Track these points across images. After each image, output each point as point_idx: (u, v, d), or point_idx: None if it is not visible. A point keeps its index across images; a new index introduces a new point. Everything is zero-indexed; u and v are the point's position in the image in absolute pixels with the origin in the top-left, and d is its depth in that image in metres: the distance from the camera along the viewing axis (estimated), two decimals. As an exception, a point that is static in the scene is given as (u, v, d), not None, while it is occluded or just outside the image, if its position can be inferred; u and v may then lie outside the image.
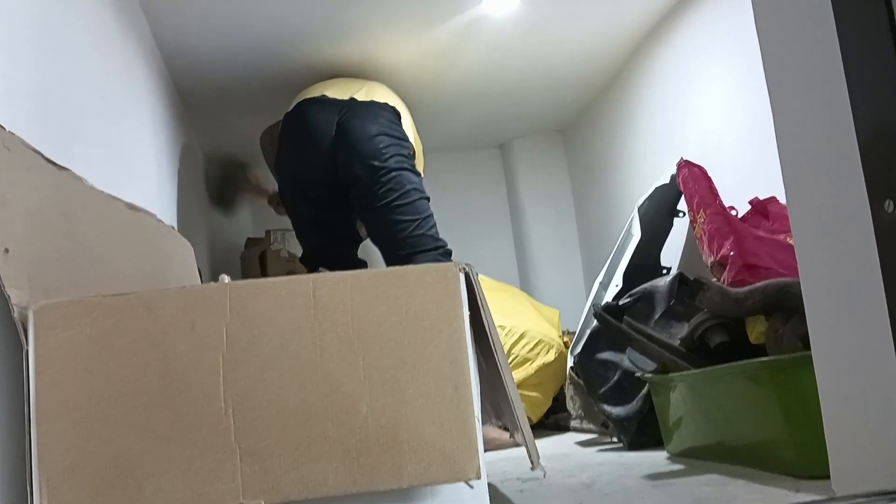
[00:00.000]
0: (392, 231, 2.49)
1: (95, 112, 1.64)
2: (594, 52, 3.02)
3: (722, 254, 1.74)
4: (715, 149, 2.49)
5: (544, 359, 2.72)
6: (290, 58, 2.74)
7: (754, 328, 1.57)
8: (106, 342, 0.91)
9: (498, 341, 1.04)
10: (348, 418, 0.88)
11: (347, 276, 0.94)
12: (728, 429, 1.56)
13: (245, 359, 0.90)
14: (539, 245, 3.91)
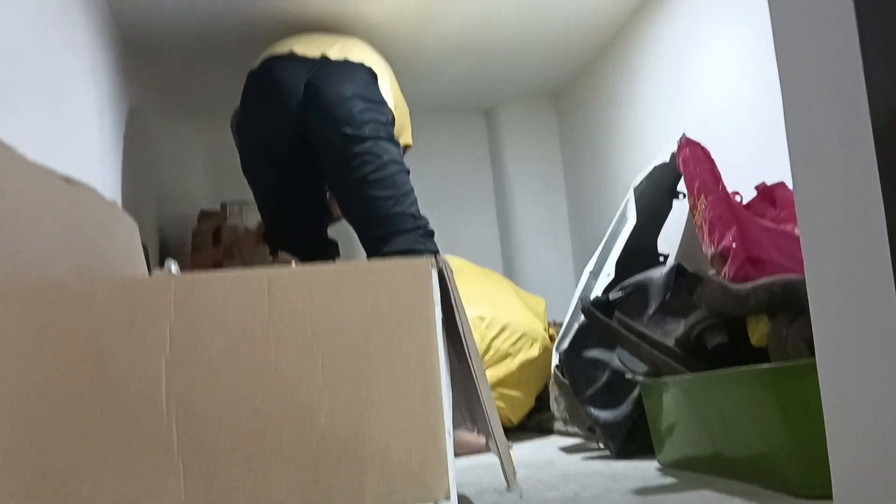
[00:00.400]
0: (367, 208, 2.46)
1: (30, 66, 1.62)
2: (592, 8, 3.01)
3: (723, 245, 1.75)
4: (720, 122, 2.50)
5: (527, 354, 2.73)
6: (253, 6, 2.71)
7: (756, 329, 1.58)
8: (36, 338, 0.90)
9: (473, 345, 1.04)
10: (305, 430, 0.89)
11: (306, 271, 0.95)
12: (725, 439, 1.58)
13: (190, 361, 0.90)
14: (525, 225, 3.90)
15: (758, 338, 1.58)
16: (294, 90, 2.51)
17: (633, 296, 2.03)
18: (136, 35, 2.83)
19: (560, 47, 3.34)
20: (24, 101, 1.59)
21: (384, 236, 2.42)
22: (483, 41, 3.17)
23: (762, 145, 2.23)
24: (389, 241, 2.41)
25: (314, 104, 2.48)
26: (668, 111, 2.91)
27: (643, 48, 3.07)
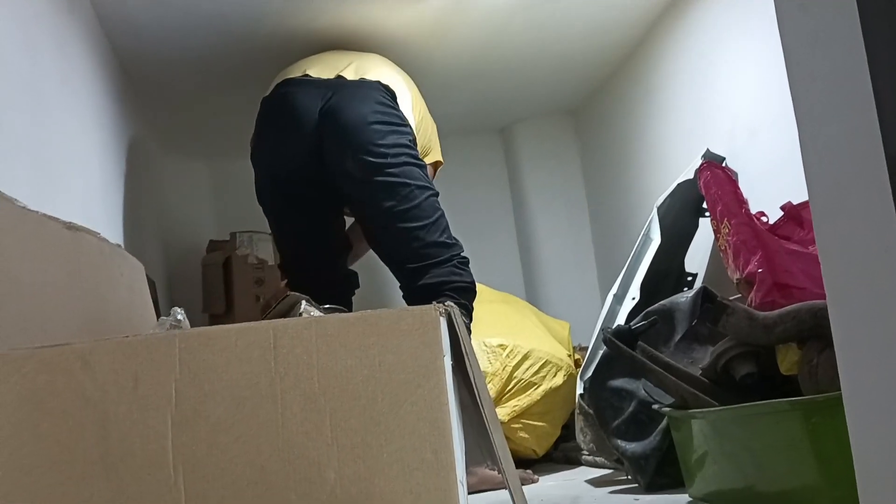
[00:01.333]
0: (397, 240, 2.41)
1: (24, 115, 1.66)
2: (608, 23, 3.03)
3: (749, 270, 1.76)
4: (746, 138, 2.50)
5: (551, 383, 2.73)
6: (259, 29, 2.73)
7: (786, 357, 1.59)
8: (38, 402, 0.93)
9: (484, 390, 1.06)
10: (314, 488, 0.91)
11: (311, 323, 0.96)
12: (756, 473, 1.58)
13: (196, 420, 0.93)
14: (547, 246, 3.91)
15: (787, 367, 1.59)
16: (309, 116, 2.46)
17: (657, 323, 2.04)
18: (137, 69, 2.88)
19: (577, 63, 3.35)
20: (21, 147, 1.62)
21: (418, 269, 2.36)
22: (497, 58, 3.19)
23: (788, 163, 2.22)
24: (424, 274, 2.34)
25: (331, 130, 2.43)
26: (690, 127, 2.92)
27: (663, 63, 3.08)
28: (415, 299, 2.36)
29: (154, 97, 3.13)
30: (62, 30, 2.06)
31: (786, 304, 1.62)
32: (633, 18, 2.99)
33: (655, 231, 2.52)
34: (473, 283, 2.43)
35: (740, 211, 1.87)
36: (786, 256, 1.74)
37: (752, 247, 1.77)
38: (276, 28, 2.71)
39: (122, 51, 2.73)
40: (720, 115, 2.71)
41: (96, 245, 1.58)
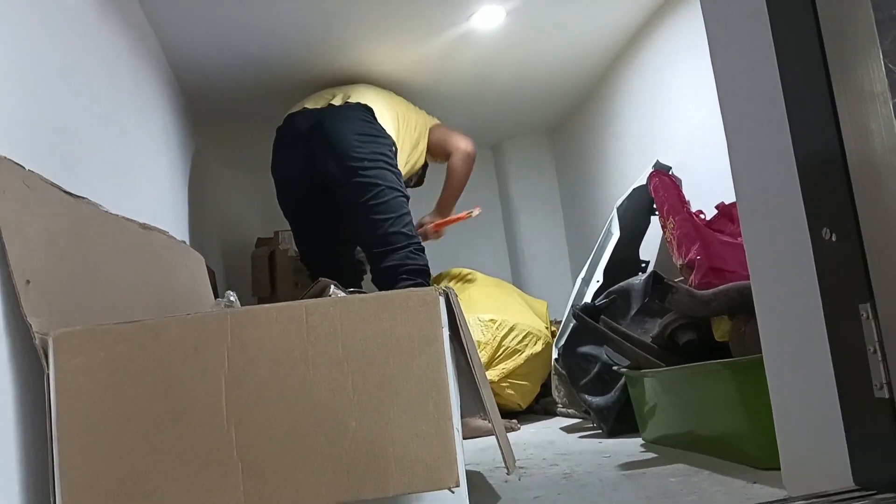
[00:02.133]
0: (368, 228, 2.48)
1: (108, 137, 1.66)
2: (578, 59, 3.03)
3: (689, 257, 1.77)
4: (688, 151, 2.51)
5: (532, 349, 2.74)
6: (292, 70, 2.76)
7: (719, 327, 1.59)
8: (117, 367, 0.94)
9: (476, 357, 1.06)
10: (339, 434, 0.91)
11: (337, 302, 0.97)
12: (696, 421, 1.59)
13: (244, 380, 0.93)
14: (528, 239, 3.91)
15: (720, 335, 1.59)
16: (304, 138, 2.55)
17: (617, 300, 2.04)
18: (197, 98, 2.89)
19: (553, 91, 3.36)
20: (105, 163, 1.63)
21: (381, 253, 2.45)
22: (487, 90, 3.20)
23: (722, 170, 2.23)
24: (386, 257, 2.43)
25: (319, 145, 2.51)
26: (644, 142, 2.92)
27: (622, 90, 3.08)
28: (380, 280, 2.47)
29: (211, 121, 3.14)
30: (138, 68, 2.07)
31: (719, 284, 1.62)
32: (599, 53, 2.99)
33: (615, 227, 2.52)
34: (427, 266, 2.50)
35: (682, 210, 1.87)
36: (719, 246, 1.74)
37: (692, 238, 1.77)
38: (308, 65, 2.74)
39: (186, 83, 2.74)
40: (668, 131, 2.71)
41: (165, 241, 1.58)
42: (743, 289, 1.53)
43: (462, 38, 2.68)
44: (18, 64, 1.17)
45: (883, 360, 0.81)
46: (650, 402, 1.79)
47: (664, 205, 1.95)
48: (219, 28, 2.40)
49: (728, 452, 1.46)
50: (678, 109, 2.62)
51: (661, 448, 1.72)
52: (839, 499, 0.83)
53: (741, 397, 1.40)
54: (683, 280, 1.82)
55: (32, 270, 1.01)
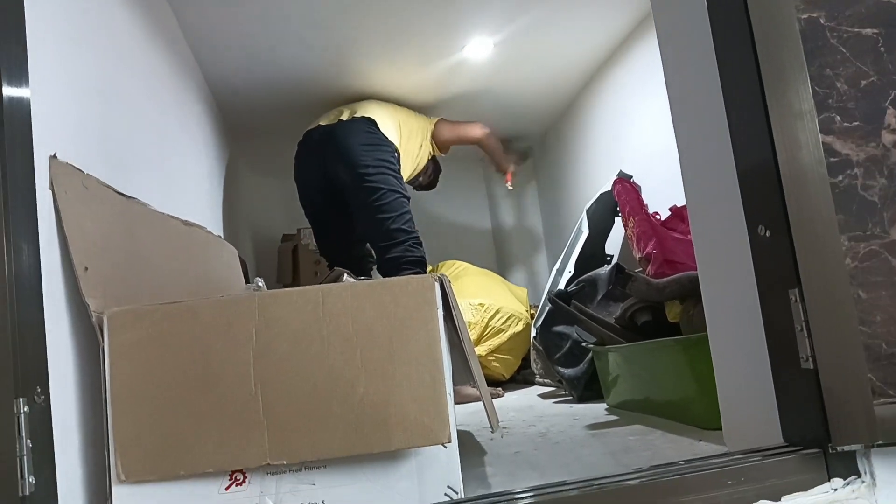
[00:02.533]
0: (373, 227, 2.47)
1: (154, 147, 1.66)
2: (554, 84, 3.03)
3: (647, 251, 1.77)
4: (647, 163, 2.51)
5: (515, 329, 2.74)
6: (312, 89, 2.76)
7: (672, 310, 1.60)
8: (162, 340, 0.93)
9: (466, 334, 1.06)
10: (348, 398, 0.91)
11: (348, 287, 0.97)
12: (652, 389, 1.59)
13: (269, 352, 0.93)
14: (512, 236, 3.91)
15: (672, 316, 1.60)
16: (318, 150, 2.55)
17: (585, 287, 2.04)
18: (232, 114, 2.88)
19: (533, 111, 3.36)
20: (152, 170, 1.63)
21: (385, 246, 2.45)
22: (479, 107, 3.18)
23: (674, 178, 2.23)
24: (390, 250, 2.43)
25: (331, 156, 2.51)
26: (609, 154, 2.92)
27: (593, 109, 3.08)
28: (384, 269, 2.47)
29: (242, 133, 3.14)
30: (179, 86, 2.06)
31: (672, 274, 1.62)
32: (572, 78, 2.99)
33: (585, 226, 2.52)
34: (424, 257, 2.50)
35: (641, 211, 1.87)
36: (672, 242, 1.74)
37: (650, 235, 1.77)
38: (326, 86, 2.74)
39: (221, 99, 2.74)
40: (630, 145, 2.71)
41: (204, 236, 1.58)
42: (692, 277, 1.53)
43: (456, 66, 2.67)
44: (74, 83, 1.16)
45: (808, 337, 0.81)
46: (613, 373, 1.80)
47: (626, 207, 1.95)
48: (250, 51, 2.39)
49: (678, 415, 1.46)
50: (639, 126, 2.62)
51: (622, 412, 1.73)
52: (771, 453, 0.84)
53: (690, 368, 1.40)
54: (642, 270, 1.82)
55: (90, 259, 1.01)
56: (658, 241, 1.73)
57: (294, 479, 0.94)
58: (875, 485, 0.80)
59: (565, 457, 1.25)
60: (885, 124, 0.80)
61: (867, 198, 0.80)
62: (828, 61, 0.81)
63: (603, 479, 0.82)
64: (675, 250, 1.71)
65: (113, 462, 0.91)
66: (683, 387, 1.43)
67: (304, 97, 2.80)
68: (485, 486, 1.08)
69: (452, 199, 3.84)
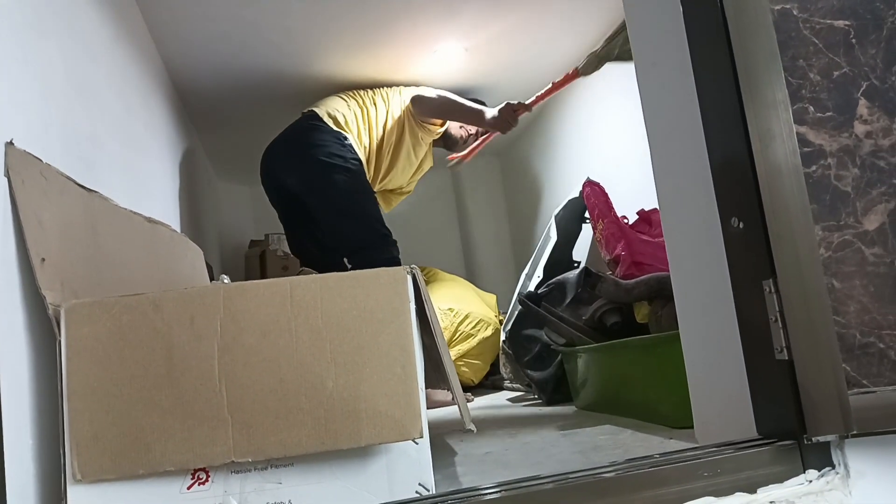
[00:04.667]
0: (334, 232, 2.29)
1: (118, 143, 1.60)
2: (524, 91, 2.99)
3: (616, 253, 1.76)
4: (614, 170, 2.51)
5: (484, 334, 2.72)
6: (280, 96, 2.70)
7: (640, 311, 1.58)
8: (122, 334, 0.88)
9: (439, 328, 1.03)
10: (317, 393, 0.87)
11: (317, 279, 0.93)
12: (621, 389, 1.57)
13: (235, 346, 0.88)
14: (480, 244, 3.90)
15: (641, 317, 1.58)
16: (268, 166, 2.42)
17: (555, 291, 2.03)
18: (201, 118, 2.81)
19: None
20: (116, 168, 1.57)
21: (352, 251, 2.26)
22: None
23: (642, 184, 2.23)
24: (354, 257, 2.24)
25: (280, 168, 2.36)
26: (577, 162, 2.93)
27: (561, 119, 3.09)
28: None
29: (212, 139, 3.06)
30: (147, 87, 2.00)
31: (640, 275, 1.61)
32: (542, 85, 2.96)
33: (554, 232, 2.51)
34: (397, 258, 2.33)
35: (610, 214, 1.86)
36: (640, 244, 1.74)
37: (618, 238, 1.76)
38: (296, 89, 2.66)
39: (189, 103, 2.68)
40: (598, 153, 2.72)
41: (168, 234, 1.52)
42: (660, 278, 1.52)
43: (427, 71, 2.64)
44: (35, 72, 1.11)
45: (783, 328, 0.79)
46: (582, 374, 1.78)
47: (595, 209, 1.94)
48: (218, 52, 2.33)
49: (647, 415, 1.45)
50: (606, 134, 2.62)
51: (591, 413, 1.71)
52: (746, 445, 0.82)
53: (658, 368, 1.39)
54: (611, 273, 1.81)
55: (47, 250, 0.95)
56: (626, 243, 1.72)
57: (259, 478, 0.89)
58: (849, 476, 0.79)
59: (536, 455, 1.22)
60: (857, 115, 0.79)
61: (840, 188, 0.79)
62: (800, 52, 0.80)
63: (578, 473, 0.79)
64: (643, 252, 1.71)
65: (69, 461, 0.86)
66: (652, 386, 1.41)
67: (274, 102, 2.74)
68: (456, 484, 1.04)
69: (421, 204, 3.81)
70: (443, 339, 1.06)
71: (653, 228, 1.88)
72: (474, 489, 0.81)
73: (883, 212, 0.78)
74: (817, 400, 0.78)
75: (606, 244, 1.83)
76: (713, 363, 1.01)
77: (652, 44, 1.07)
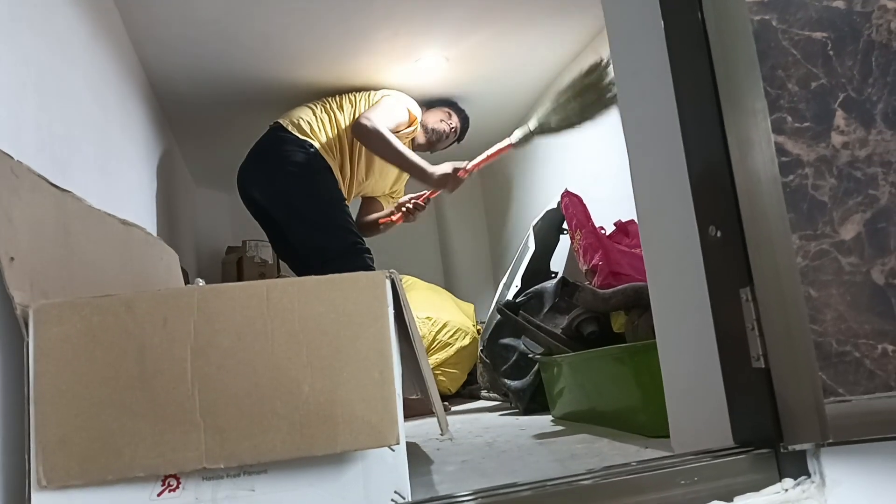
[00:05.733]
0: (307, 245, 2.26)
1: (94, 145, 1.57)
2: (504, 103, 3.03)
3: (593, 263, 1.76)
4: (592, 183, 2.52)
5: (461, 343, 2.70)
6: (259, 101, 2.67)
7: (617, 320, 1.58)
8: (92, 335, 0.86)
9: (417, 334, 1.01)
10: (293, 397, 0.85)
11: (294, 282, 0.91)
12: (597, 398, 1.57)
13: (209, 349, 0.86)
14: (459, 254, 3.89)
15: (618, 327, 1.58)
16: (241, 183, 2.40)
17: (533, 300, 2.02)
18: (179, 122, 2.78)
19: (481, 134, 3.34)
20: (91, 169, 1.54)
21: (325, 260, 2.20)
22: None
23: (619, 196, 2.24)
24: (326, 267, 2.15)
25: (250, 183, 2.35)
26: (555, 175, 2.94)
27: (538, 131, 3.09)
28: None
29: (189, 144, 3.02)
30: (124, 91, 1.97)
31: (617, 285, 1.61)
32: (522, 99, 3.00)
33: (532, 242, 2.51)
34: (372, 261, 2.30)
35: (588, 223, 1.86)
36: (617, 254, 1.74)
37: (596, 247, 1.76)
38: (276, 94, 2.63)
39: (168, 109, 2.64)
40: (576, 164, 2.73)
41: (143, 236, 1.49)
42: (637, 288, 1.52)
43: (408, 81, 2.64)
44: (7, 68, 1.08)
45: (760, 335, 0.79)
46: (559, 383, 1.77)
47: (573, 220, 1.95)
48: (196, 55, 2.30)
49: (623, 424, 1.44)
50: (584, 146, 2.63)
51: (567, 423, 1.70)
52: (723, 453, 0.81)
53: (634, 377, 1.38)
54: (588, 283, 1.81)
55: (17, 249, 0.93)
56: (604, 253, 1.72)
57: (232, 485, 0.87)
58: (824, 485, 0.79)
59: (513, 464, 1.20)
60: (835, 126, 0.80)
61: (817, 197, 0.79)
62: (779, 62, 0.81)
63: (556, 480, 0.78)
64: (620, 262, 1.71)
65: (34, 467, 0.82)
66: (628, 395, 1.41)
67: (252, 108, 2.71)
68: (432, 492, 1.03)
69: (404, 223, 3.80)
70: (421, 345, 1.05)
71: (630, 239, 1.89)
72: (450, 496, 0.79)
73: (859, 221, 0.79)
74: (794, 408, 0.78)
75: (584, 254, 1.83)
76: (690, 371, 1.01)
77: (632, 53, 1.08)
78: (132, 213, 1.91)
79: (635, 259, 1.73)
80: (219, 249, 3.53)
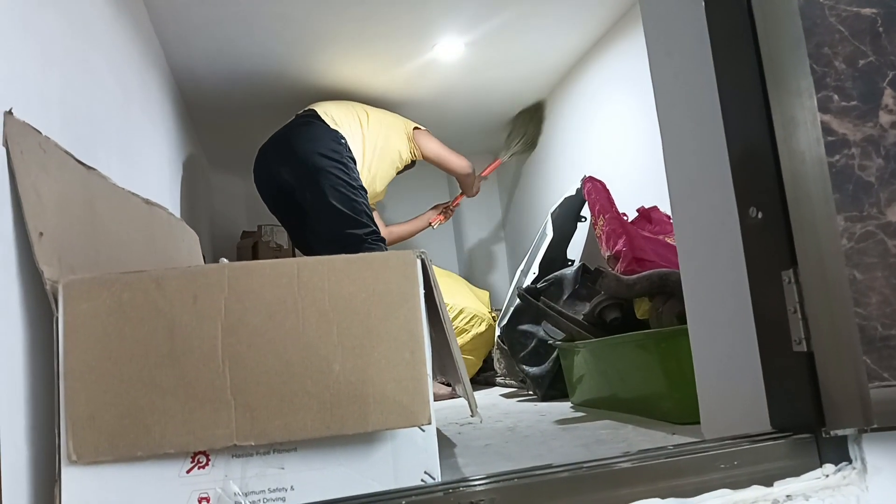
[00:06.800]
0: (329, 225, 2.30)
1: (115, 125, 1.56)
2: (520, 90, 3.01)
3: (616, 249, 1.74)
4: (613, 168, 2.49)
5: (477, 329, 2.70)
6: (277, 87, 2.66)
7: (640, 307, 1.57)
8: (122, 312, 0.85)
9: (446, 314, 1.00)
10: (324, 376, 0.84)
11: (325, 261, 0.90)
12: (620, 385, 1.56)
13: (239, 327, 0.85)
14: (474, 240, 3.87)
15: (641, 313, 1.57)
16: (263, 162, 2.43)
17: (552, 287, 2.01)
18: (196, 107, 2.77)
19: (497, 119, 3.33)
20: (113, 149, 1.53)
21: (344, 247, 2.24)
22: (446, 112, 3.14)
23: (640, 181, 2.22)
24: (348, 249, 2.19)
25: (275, 162, 2.37)
26: (573, 160, 2.91)
27: (558, 118, 3.06)
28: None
29: (206, 128, 3.02)
30: (144, 71, 1.96)
31: (641, 271, 1.59)
32: (541, 82, 2.97)
33: (549, 229, 2.49)
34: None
35: (611, 209, 1.84)
36: (642, 240, 1.72)
37: (619, 233, 1.74)
38: (293, 82, 2.63)
39: (186, 92, 2.63)
40: (597, 149, 2.70)
41: (165, 217, 1.49)
42: (662, 274, 1.50)
43: (426, 66, 2.62)
44: (35, 43, 1.07)
45: (802, 318, 0.78)
46: (580, 370, 1.76)
47: (596, 205, 1.93)
48: (217, 47, 2.30)
49: (647, 411, 1.43)
50: (606, 131, 2.60)
51: (588, 409, 1.69)
52: (761, 439, 0.80)
53: (660, 363, 1.37)
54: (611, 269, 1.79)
55: (45, 225, 0.92)
56: (628, 239, 1.70)
57: (262, 463, 0.86)
58: (866, 471, 0.77)
59: (537, 448, 1.19)
60: (883, 105, 0.78)
61: (864, 178, 0.77)
62: (826, 40, 0.79)
63: (592, 462, 0.76)
64: (644, 248, 1.69)
65: (63, 442, 0.82)
66: (653, 382, 1.39)
67: (270, 93, 2.70)
68: (458, 475, 1.02)
69: (415, 201, 3.77)
70: (450, 325, 1.04)
71: (653, 225, 1.86)
72: (483, 477, 0.78)
73: (907, 202, 0.76)
74: (837, 393, 0.76)
75: (607, 240, 1.81)
76: (724, 356, 0.99)
77: (666, 33, 1.05)
78: (152, 194, 1.89)
79: (659, 245, 1.71)
80: (234, 234, 3.52)
